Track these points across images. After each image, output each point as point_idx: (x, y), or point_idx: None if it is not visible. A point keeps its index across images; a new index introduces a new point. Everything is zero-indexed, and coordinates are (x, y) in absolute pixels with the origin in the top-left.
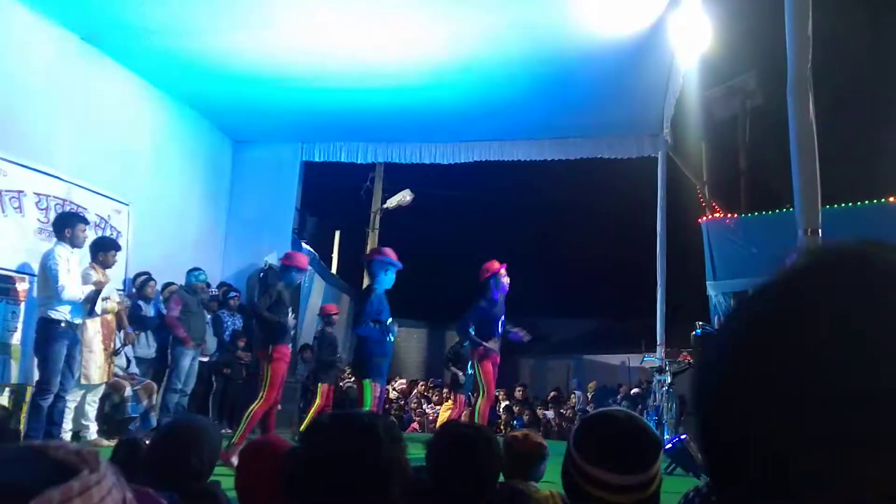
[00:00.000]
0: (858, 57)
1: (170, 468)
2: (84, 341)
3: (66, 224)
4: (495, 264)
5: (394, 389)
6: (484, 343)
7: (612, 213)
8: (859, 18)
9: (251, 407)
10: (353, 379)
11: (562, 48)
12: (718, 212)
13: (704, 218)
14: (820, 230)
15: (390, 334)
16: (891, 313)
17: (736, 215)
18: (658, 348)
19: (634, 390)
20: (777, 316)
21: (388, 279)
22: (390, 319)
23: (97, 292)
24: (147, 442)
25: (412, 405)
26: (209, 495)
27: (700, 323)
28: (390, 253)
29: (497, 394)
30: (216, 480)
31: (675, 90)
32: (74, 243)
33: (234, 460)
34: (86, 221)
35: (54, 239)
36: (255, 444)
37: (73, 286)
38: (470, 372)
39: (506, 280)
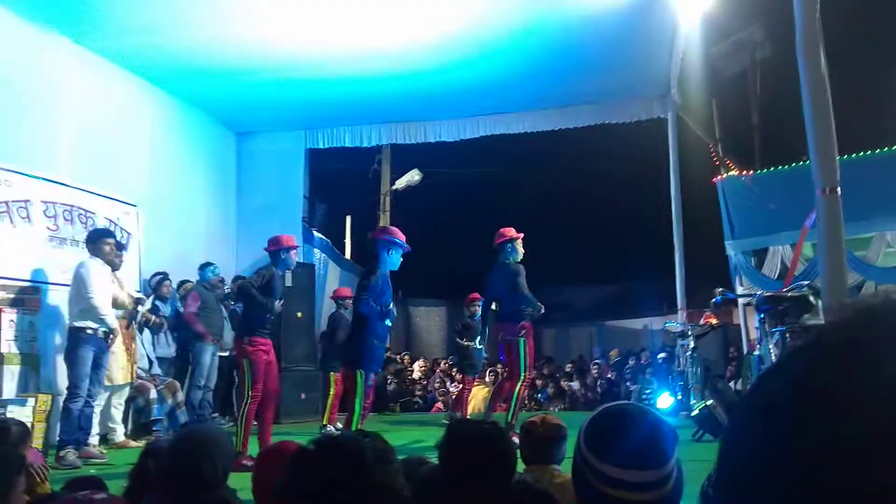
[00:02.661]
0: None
1: (182, 478)
2: None
3: (91, 240)
4: (511, 231)
5: (418, 369)
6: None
7: (625, 177)
8: None
9: (242, 409)
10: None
11: (562, 14)
12: (733, 169)
13: (719, 176)
14: (839, 188)
15: (388, 318)
16: None
17: (751, 171)
18: (679, 312)
19: (661, 355)
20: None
21: (392, 260)
22: (391, 304)
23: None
24: None
25: (435, 385)
26: None
27: (720, 289)
28: (396, 232)
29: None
30: (233, 489)
31: (680, 49)
32: (100, 256)
33: (247, 463)
34: (110, 235)
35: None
36: (270, 450)
37: (101, 294)
38: (480, 347)
39: (520, 251)
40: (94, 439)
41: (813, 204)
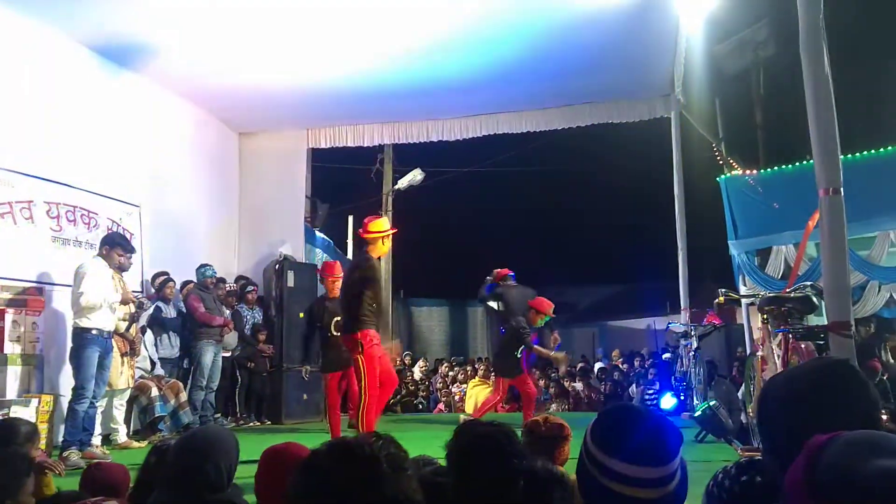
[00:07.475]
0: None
1: (187, 479)
2: None
3: (107, 243)
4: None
5: (419, 370)
6: None
7: (628, 176)
8: None
9: None
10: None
11: (563, 13)
12: (736, 168)
13: (722, 176)
14: (842, 189)
15: None
16: None
17: (755, 171)
18: (682, 313)
19: (666, 356)
20: None
21: None
22: None
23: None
24: None
25: (437, 386)
26: None
27: (723, 290)
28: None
29: None
30: (239, 488)
31: (683, 47)
32: (107, 261)
33: None
34: (125, 249)
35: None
36: (273, 451)
37: (93, 294)
38: None
39: None
40: (96, 440)
41: (817, 204)
